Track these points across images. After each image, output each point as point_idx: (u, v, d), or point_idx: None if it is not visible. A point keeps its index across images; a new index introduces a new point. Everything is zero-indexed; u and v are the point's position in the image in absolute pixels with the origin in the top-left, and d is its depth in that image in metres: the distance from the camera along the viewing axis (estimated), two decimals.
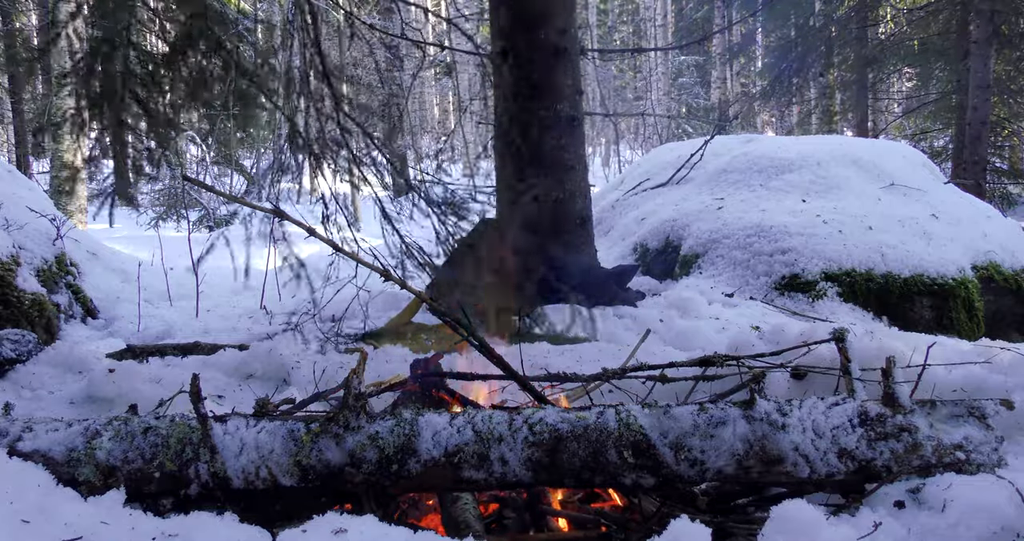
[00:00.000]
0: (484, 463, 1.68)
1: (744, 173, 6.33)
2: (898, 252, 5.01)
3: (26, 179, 4.97)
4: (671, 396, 2.30)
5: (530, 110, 4.55)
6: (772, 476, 1.68)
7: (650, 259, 5.88)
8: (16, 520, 1.42)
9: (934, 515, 1.53)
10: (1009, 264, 5.41)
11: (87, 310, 4.25)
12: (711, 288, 4.96)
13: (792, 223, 5.24)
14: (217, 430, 1.73)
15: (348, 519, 1.51)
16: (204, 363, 3.03)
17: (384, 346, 3.11)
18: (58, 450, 1.73)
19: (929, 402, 1.78)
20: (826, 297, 4.82)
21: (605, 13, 31.05)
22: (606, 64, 24.05)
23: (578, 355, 2.94)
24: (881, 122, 17.84)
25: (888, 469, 1.66)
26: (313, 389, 2.63)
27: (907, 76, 18.80)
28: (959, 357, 2.46)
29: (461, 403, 2.19)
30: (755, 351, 2.42)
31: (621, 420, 1.71)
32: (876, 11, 14.83)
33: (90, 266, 4.72)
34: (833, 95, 16.35)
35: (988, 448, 1.71)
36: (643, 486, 1.71)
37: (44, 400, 2.64)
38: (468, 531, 1.67)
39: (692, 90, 26.20)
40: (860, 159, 6.28)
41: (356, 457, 1.69)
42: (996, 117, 12.13)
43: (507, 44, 4.62)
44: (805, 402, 1.74)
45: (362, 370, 1.79)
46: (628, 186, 7.57)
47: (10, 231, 3.80)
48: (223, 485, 1.71)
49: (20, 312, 3.40)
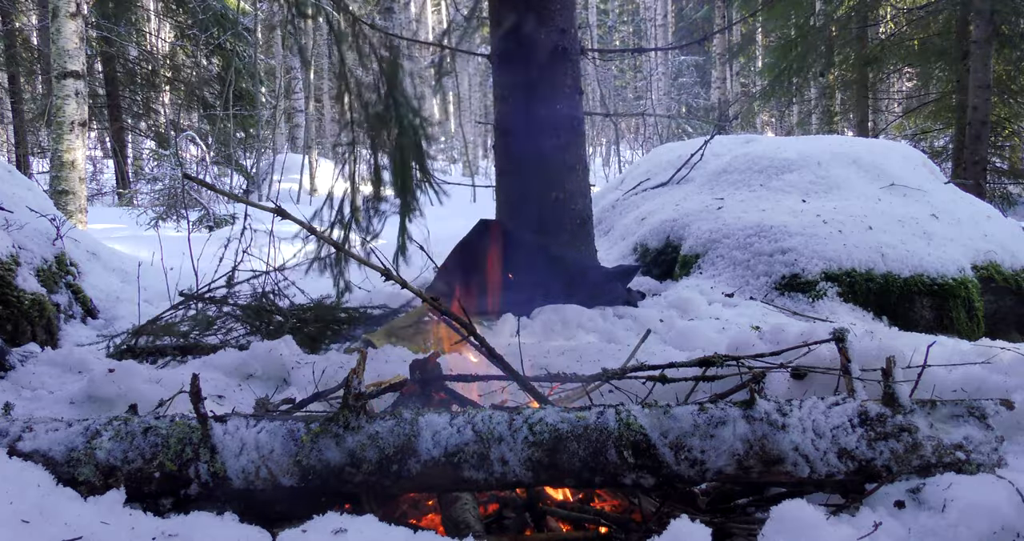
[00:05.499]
0: (484, 463, 1.68)
1: (744, 173, 6.33)
2: (898, 252, 5.01)
3: (26, 179, 4.96)
4: (671, 396, 2.30)
5: (530, 110, 4.55)
6: (772, 476, 1.68)
7: (650, 259, 5.88)
8: (16, 520, 1.42)
9: (934, 515, 1.53)
10: (1009, 264, 5.41)
11: (87, 310, 4.25)
12: (711, 288, 4.96)
13: (792, 223, 5.24)
14: (217, 430, 1.73)
15: (348, 519, 1.51)
16: (204, 363, 3.03)
17: (384, 346, 3.11)
18: (58, 450, 1.73)
19: (929, 402, 1.78)
20: (826, 297, 4.81)
21: (605, 13, 31.05)
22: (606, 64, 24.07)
23: (578, 355, 2.94)
24: (881, 122, 17.84)
25: (888, 469, 1.66)
26: (313, 389, 2.63)
27: (907, 76, 18.81)
28: (959, 357, 2.46)
29: (460, 403, 2.19)
30: (755, 351, 2.42)
31: (621, 420, 1.71)
32: (876, 11, 14.83)
33: (90, 266, 4.71)
34: (833, 95, 16.35)
35: (988, 448, 1.71)
36: (643, 486, 1.71)
37: (44, 400, 2.64)
38: (468, 531, 1.67)
39: (692, 90, 26.22)
40: (860, 159, 6.28)
41: (356, 457, 1.69)
42: (996, 117, 12.14)
43: (507, 44, 4.62)
44: (805, 402, 1.74)
45: (362, 370, 1.79)
46: (628, 186, 7.57)
47: (10, 231, 3.79)
48: (223, 485, 1.71)
49: (20, 312, 3.40)
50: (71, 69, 7.62)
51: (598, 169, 20.84)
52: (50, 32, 7.66)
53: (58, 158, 7.70)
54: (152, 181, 12.18)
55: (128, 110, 15.53)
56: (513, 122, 4.66)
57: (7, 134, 19.83)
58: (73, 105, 7.66)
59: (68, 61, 7.61)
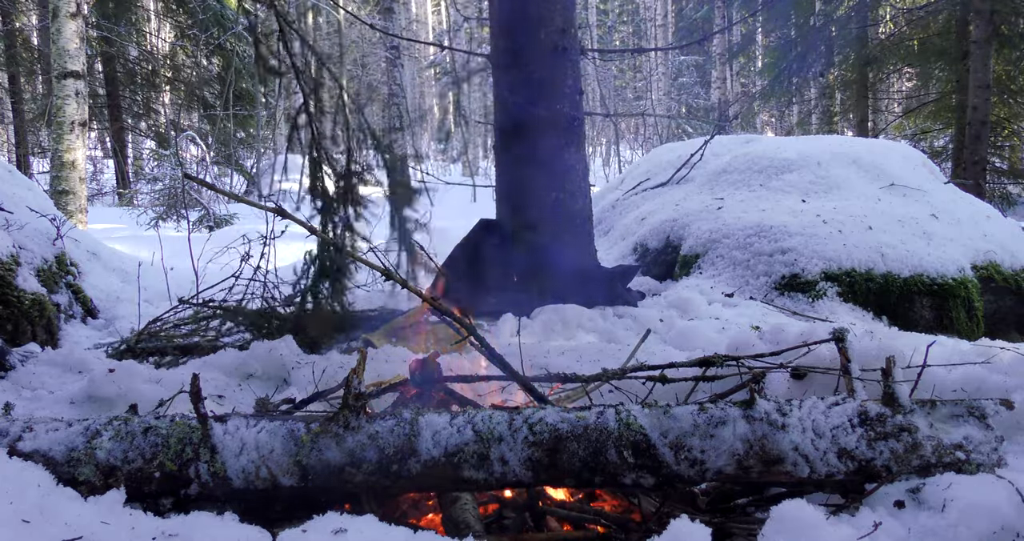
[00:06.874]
0: (484, 463, 1.68)
1: (744, 173, 6.33)
2: (898, 252, 5.01)
3: (26, 179, 4.96)
4: (671, 396, 2.30)
5: (530, 110, 4.55)
6: (772, 476, 1.68)
7: (650, 259, 5.88)
8: (16, 520, 1.42)
9: (934, 515, 1.53)
10: (1009, 264, 5.41)
11: (87, 310, 4.25)
12: (711, 288, 4.96)
13: (792, 223, 5.24)
14: (217, 430, 1.73)
15: (348, 519, 1.51)
16: (204, 363, 3.03)
17: (384, 346, 3.11)
18: (58, 450, 1.73)
19: (929, 402, 1.78)
20: (826, 297, 4.82)
21: (605, 13, 31.05)
22: (606, 64, 24.06)
23: (578, 355, 2.94)
24: (881, 122, 17.85)
25: (888, 469, 1.66)
26: (313, 389, 2.63)
27: (907, 76, 18.81)
28: (959, 357, 2.46)
29: (460, 403, 2.19)
30: (755, 351, 2.42)
31: (621, 420, 1.71)
32: (876, 11, 14.83)
33: (90, 266, 4.71)
34: (833, 95, 16.36)
35: (988, 448, 1.71)
36: (643, 486, 1.71)
37: (44, 400, 2.64)
38: (468, 531, 1.67)
39: (692, 90, 26.21)
40: (860, 159, 6.28)
41: (356, 457, 1.69)
42: (996, 117, 12.14)
43: (507, 44, 4.62)
44: (805, 402, 1.74)
45: (362, 370, 1.79)
46: (628, 186, 7.57)
47: (10, 231, 3.79)
48: (223, 485, 1.71)
49: (20, 312, 3.40)
50: (71, 69, 7.62)
51: (598, 169, 20.84)
52: (50, 32, 7.66)
53: (58, 158, 7.70)
54: (152, 181, 12.18)
55: (128, 110, 15.53)
56: (513, 122, 4.66)
57: (7, 134, 19.82)
58: (73, 105, 7.66)
59: (68, 61, 7.61)
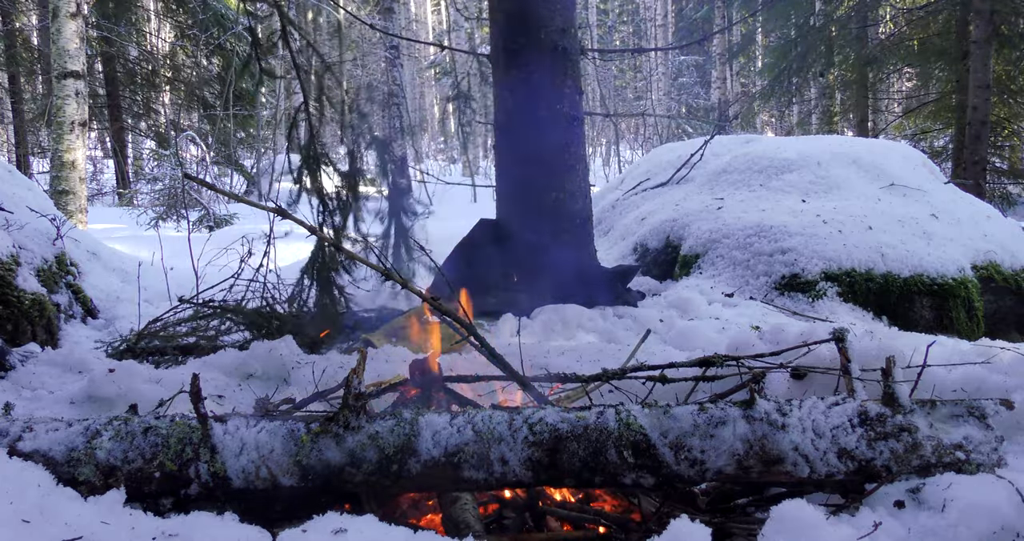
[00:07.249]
0: (484, 463, 1.68)
1: (744, 173, 6.33)
2: (898, 252, 5.01)
3: (26, 179, 4.96)
4: (671, 396, 2.30)
5: (530, 110, 4.55)
6: (772, 476, 1.68)
7: (650, 259, 5.88)
8: (16, 520, 1.42)
9: (934, 515, 1.53)
10: (1009, 264, 5.41)
11: (87, 310, 4.24)
12: (711, 288, 4.96)
13: (792, 223, 5.24)
14: (217, 430, 1.73)
15: (348, 519, 1.51)
16: (204, 363, 3.03)
17: (384, 346, 3.11)
18: (58, 450, 1.73)
19: (929, 402, 1.78)
20: (826, 297, 4.82)
21: (605, 13, 31.04)
22: (606, 64, 24.06)
23: (578, 355, 2.94)
24: (881, 122, 17.84)
25: (888, 469, 1.66)
26: (313, 389, 2.63)
27: (907, 76, 18.81)
28: (959, 357, 2.46)
29: (460, 403, 2.19)
30: (755, 351, 2.42)
31: (621, 420, 1.71)
32: (876, 11, 14.83)
33: (90, 266, 4.71)
34: (833, 95, 16.36)
35: (988, 448, 1.71)
36: (643, 486, 1.71)
37: (44, 400, 2.64)
38: (468, 531, 1.67)
39: (692, 90, 26.21)
40: (860, 159, 6.28)
41: (356, 457, 1.69)
42: (996, 117, 12.14)
43: (507, 44, 4.62)
44: (805, 402, 1.74)
45: (362, 370, 1.79)
46: (628, 186, 7.57)
47: (10, 231, 3.79)
48: (223, 485, 1.71)
49: (20, 312, 3.40)
50: (71, 69, 7.62)
51: (598, 169, 20.83)
52: (50, 32, 7.66)
53: (58, 158, 7.70)
54: (152, 181, 12.18)
55: (128, 110, 15.53)
56: (513, 122, 4.67)
57: (7, 134, 19.82)
58: (73, 105, 7.66)
59: (68, 61, 7.61)
